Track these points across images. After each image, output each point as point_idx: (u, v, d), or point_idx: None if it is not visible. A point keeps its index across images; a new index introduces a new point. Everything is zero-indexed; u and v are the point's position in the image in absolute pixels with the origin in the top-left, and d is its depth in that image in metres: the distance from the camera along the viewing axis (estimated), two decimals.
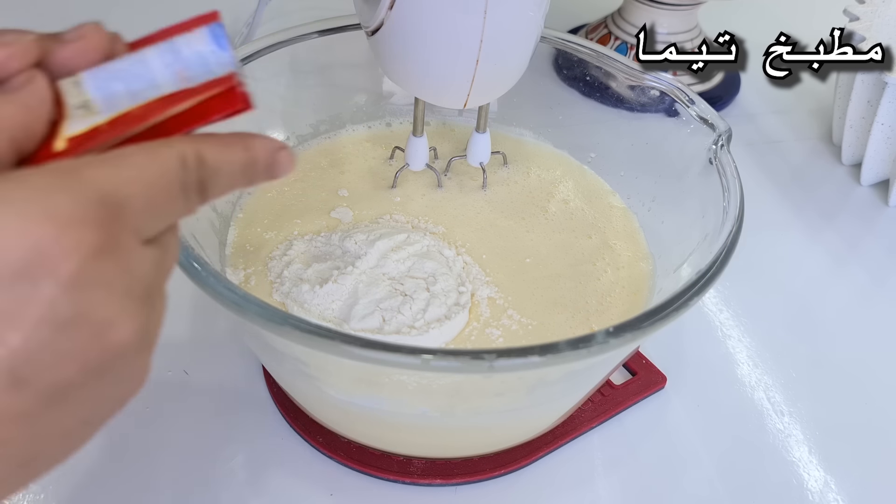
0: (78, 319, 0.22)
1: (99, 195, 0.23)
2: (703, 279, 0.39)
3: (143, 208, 0.24)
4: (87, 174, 0.23)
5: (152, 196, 0.24)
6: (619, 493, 0.47)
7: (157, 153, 0.25)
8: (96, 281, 0.22)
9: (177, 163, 0.25)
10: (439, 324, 0.43)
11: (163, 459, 0.46)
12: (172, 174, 0.25)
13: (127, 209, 0.23)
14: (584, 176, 0.56)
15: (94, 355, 0.23)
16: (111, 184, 0.23)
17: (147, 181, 0.24)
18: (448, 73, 0.44)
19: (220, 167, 0.27)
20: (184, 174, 0.25)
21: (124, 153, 0.24)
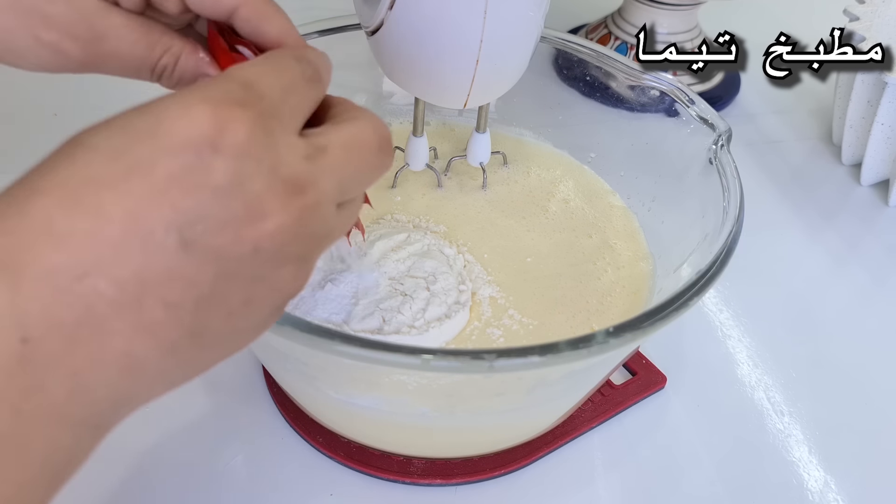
0: (233, 188, 0.24)
1: (243, 82, 0.26)
2: (703, 279, 0.39)
3: (280, 95, 0.27)
4: (232, 74, 0.26)
5: (284, 84, 0.27)
6: (619, 493, 0.47)
7: (273, 55, 0.29)
8: (247, 152, 0.24)
9: (291, 58, 0.29)
10: (439, 323, 0.43)
11: (163, 459, 0.46)
12: (293, 67, 0.28)
13: (267, 95, 0.26)
14: (584, 176, 0.56)
15: (247, 226, 0.25)
16: (250, 75, 0.26)
17: (277, 73, 0.27)
18: (448, 73, 0.44)
19: (317, 61, 0.30)
20: (301, 66, 0.28)
21: (250, 61, 0.28)
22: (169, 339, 0.25)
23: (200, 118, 0.24)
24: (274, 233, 0.25)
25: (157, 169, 0.23)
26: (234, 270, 0.25)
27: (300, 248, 0.27)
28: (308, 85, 0.28)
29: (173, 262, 0.24)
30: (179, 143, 0.24)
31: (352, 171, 0.28)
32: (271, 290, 0.27)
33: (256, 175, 0.24)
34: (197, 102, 0.24)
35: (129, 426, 0.47)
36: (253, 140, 0.25)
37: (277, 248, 0.26)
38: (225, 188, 0.24)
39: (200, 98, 0.25)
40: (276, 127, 0.26)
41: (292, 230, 0.26)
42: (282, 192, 0.25)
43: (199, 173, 0.24)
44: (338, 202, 0.28)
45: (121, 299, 0.23)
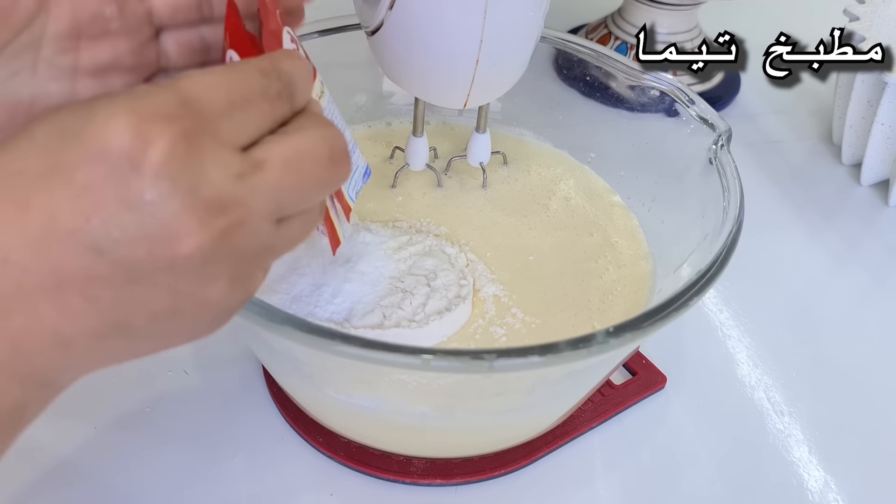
0: (146, 206, 0.24)
1: (180, 97, 0.25)
2: (703, 279, 0.39)
3: (224, 110, 0.26)
4: (176, 84, 0.26)
5: (233, 98, 0.26)
6: (619, 493, 0.47)
7: (237, 65, 0.28)
8: (163, 171, 0.24)
9: (254, 71, 0.28)
10: (439, 316, 0.43)
11: (163, 459, 0.46)
12: (252, 81, 0.27)
13: (207, 110, 0.26)
14: (584, 175, 0.56)
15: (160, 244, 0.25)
16: (193, 88, 0.26)
17: (227, 86, 0.26)
18: (448, 73, 0.44)
19: (292, 73, 0.29)
20: (264, 81, 0.27)
21: (209, 68, 0.27)
22: (93, 327, 0.26)
23: (121, 131, 0.24)
24: (191, 253, 0.25)
25: (76, 174, 0.24)
26: (150, 281, 0.25)
27: (228, 266, 0.26)
28: (268, 102, 0.28)
29: (87, 263, 0.24)
30: (98, 152, 0.24)
31: (292, 186, 0.27)
32: (200, 304, 0.27)
33: (172, 195, 0.24)
34: (123, 113, 0.24)
35: (130, 426, 0.47)
36: (172, 159, 0.24)
37: (198, 267, 0.25)
38: (137, 205, 0.24)
39: (128, 108, 0.24)
40: (207, 144, 0.25)
41: (213, 250, 0.25)
42: (201, 213, 0.25)
43: (114, 186, 0.24)
44: (277, 218, 0.27)
45: (43, 285, 0.24)
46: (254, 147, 0.27)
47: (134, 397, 0.49)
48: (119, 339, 0.26)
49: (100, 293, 0.25)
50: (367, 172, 0.43)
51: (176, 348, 0.53)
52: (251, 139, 0.27)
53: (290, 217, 0.28)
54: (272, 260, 0.29)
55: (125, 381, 0.49)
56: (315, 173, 0.28)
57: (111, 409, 0.48)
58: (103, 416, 0.47)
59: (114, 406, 0.48)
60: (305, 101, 0.30)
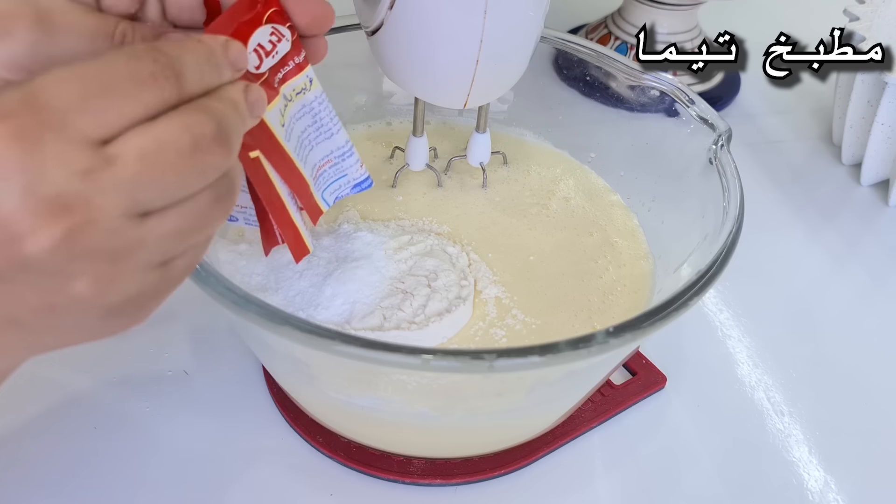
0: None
1: (26, 93, 0.24)
2: (703, 279, 0.39)
3: (76, 103, 0.25)
4: (27, 82, 0.25)
5: (88, 88, 0.25)
6: (619, 493, 0.47)
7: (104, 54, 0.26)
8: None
9: (121, 56, 0.26)
10: (439, 317, 0.43)
11: (162, 459, 0.46)
12: (116, 67, 0.25)
13: (54, 105, 0.24)
14: (584, 175, 0.56)
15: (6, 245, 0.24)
16: (41, 83, 0.25)
17: (84, 76, 0.25)
18: (448, 73, 0.44)
19: (179, 55, 0.27)
20: (133, 64, 0.26)
21: (72, 63, 0.25)
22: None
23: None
24: (37, 253, 0.24)
25: None
26: (15, 279, 0.25)
27: (86, 265, 0.26)
28: (138, 87, 0.26)
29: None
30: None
31: (149, 180, 0.26)
32: (72, 301, 0.26)
33: (9, 195, 0.24)
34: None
35: (130, 426, 0.47)
36: (6, 158, 0.23)
37: (52, 267, 0.25)
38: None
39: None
40: (48, 140, 0.24)
41: (62, 250, 0.25)
42: (41, 212, 0.24)
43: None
44: (138, 213, 0.26)
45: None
46: (113, 141, 0.26)
47: (134, 397, 0.49)
48: (16, 332, 0.26)
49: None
50: (363, 183, 0.42)
51: (176, 349, 0.53)
52: (116, 130, 0.26)
53: (162, 211, 0.27)
54: (152, 256, 0.28)
55: (125, 382, 0.49)
56: (174, 164, 0.26)
57: (111, 409, 0.48)
58: (103, 416, 0.47)
59: (114, 406, 0.48)
60: (203, 87, 0.28)
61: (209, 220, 0.29)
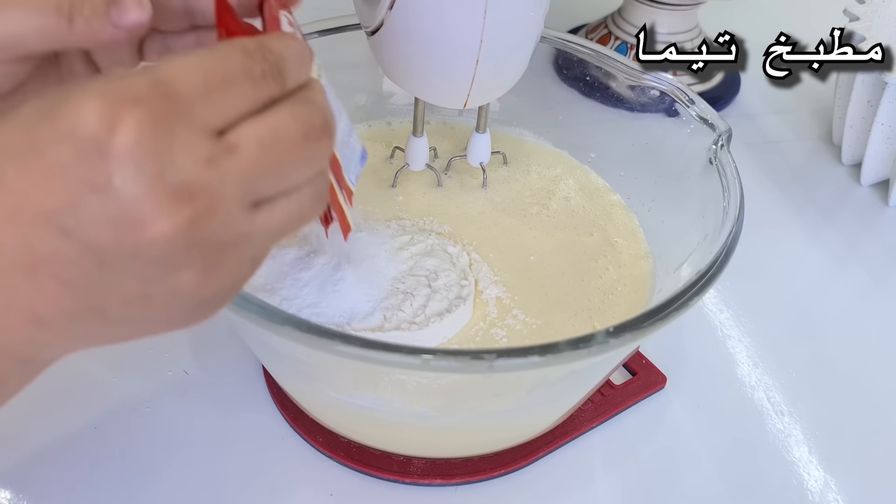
0: (110, 190, 0.24)
1: (154, 80, 0.25)
2: (703, 279, 0.39)
3: (199, 93, 0.25)
4: (152, 68, 0.25)
5: (210, 80, 0.26)
6: (619, 493, 0.47)
7: (219, 47, 0.27)
8: (129, 156, 0.24)
9: (237, 52, 0.27)
10: (440, 318, 0.43)
11: (162, 459, 0.46)
12: (233, 62, 0.26)
13: (181, 93, 0.25)
14: (584, 175, 0.56)
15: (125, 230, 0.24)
16: (170, 71, 0.25)
17: (206, 68, 0.26)
18: (448, 73, 0.44)
19: (282, 53, 0.28)
20: (247, 61, 0.27)
21: (192, 51, 0.26)
22: (67, 309, 0.25)
23: (89, 113, 0.24)
24: (155, 240, 0.24)
25: (46, 154, 0.24)
26: (117, 265, 0.25)
27: (197, 255, 0.26)
28: (252, 83, 0.27)
29: (57, 244, 0.24)
30: (66, 133, 0.24)
31: (267, 168, 0.27)
32: (172, 292, 0.26)
33: (138, 180, 0.24)
34: (93, 95, 0.24)
35: (130, 426, 0.47)
36: (139, 143, 0.24)
37: (164, 254, 0.25)
38: (102, 188, 0.24)
39: (98, 91, 0.24)
40: (178, 128, 0.25)
41: (180, 238, 0.25)
42: (166, 200, 0.24)
43: (81, 168, 0.24)
44: (251, 202, 0.27)
45: (17, 263, 0.25)
46: (230, 129, 0.26)
47: (134, 397, 0.49)
48: (94, 322, 0.26)
49: (71, 276, 0.25)
50: (364, 156, 0.42)
51: (176, 349, 0.53)
52: (229, 122, 0.26)
53: (269, 202, 0.28)
54: (253, 251, 0.28)
55: (125, 381, 0.49)
56: (291, 152, 0.27)
57: (111, 409, 0.48)
58: (103, 416, 0.47)
59: (114, 406, 0.48)
60: (299, 82, 0.29)
61: (307, 215, 0.30)
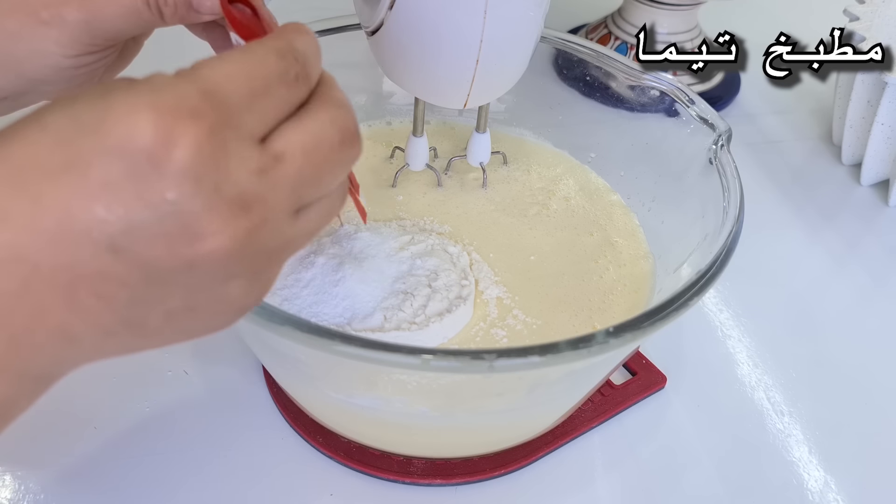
0: (168, 205, 0.23)
1: (202, 88, 0.24)
2: (703, 279, 0.39)
3: (245, 101, 0.25)
4: (196, 74, 0.25)
5: (254, 87, 0.25)
6: (619, 493, 0.47)
7: (253, 49, 0.26)
8: (188, 171, 0.23)
9: (272, 54, 0.26)
10: (440, 318, 0.43)
11: (162, 459, 0.46)
12: (270, 66, 0.26)
13: (230, 103, 0.25)
14: (584, 175, 0.56)
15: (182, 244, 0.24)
16: (215, 78, 0.25)
17: (247, 73, 0.25)
18: (448, 73, 0.44)
19: (307, 50, 0.28)
20: (282, 64, 0.26)
21: (226, 54, 0.26)
22: (104, 325, 0.25)
23: (144, 127, 0.23)
24: (212, 253, 0.24)
25: (92, 169, 0.23)
26: (168, 280, 0.25)
27: (248, 265, 0.26)
28: (287, 87, 0.27)
29: (103, 262, 0.24)
30: (118, 148, 0.23)
31: (311, 175, 0.27)
32: (218, 302, 0.26)
33: (196, 195, 0.23)
34: (145, 108, 0.23)
35: (130, 426, 0.47)
36: (197, 158, 0.23)
37: (218, 267, 0.25)
38: (159, 204, 0.23)
39: (149, 103, 0.23)
40: (231, 139, 0.24)
41: (236, 251, 0.25)
42: (224, 213, 0.24)
43: (134, 184, 0.23)
44: (297, 208, 0.27)
45: (54, 283, 0.24)
46: (272, 137, 0.26)
47: (134, 397, 0.49)
48: (130, 336, 0.26)
49: (114, 292, 0.24)
50: None
51: (176, 349, 0.53)
52: (270, 128, 0.26)
53: (308, 207, 0.28)
54: (290, 255, 0.28)
55: (125, 381, 0.49)
56: (330, 157, 0.27)
57: (111, 409, 0.48)
58: (103, 416, 0.47)
59: (114, 406, 0.48)
60: (318, 77, 0.29)
61: (335, 213, 0.30)
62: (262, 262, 0.26)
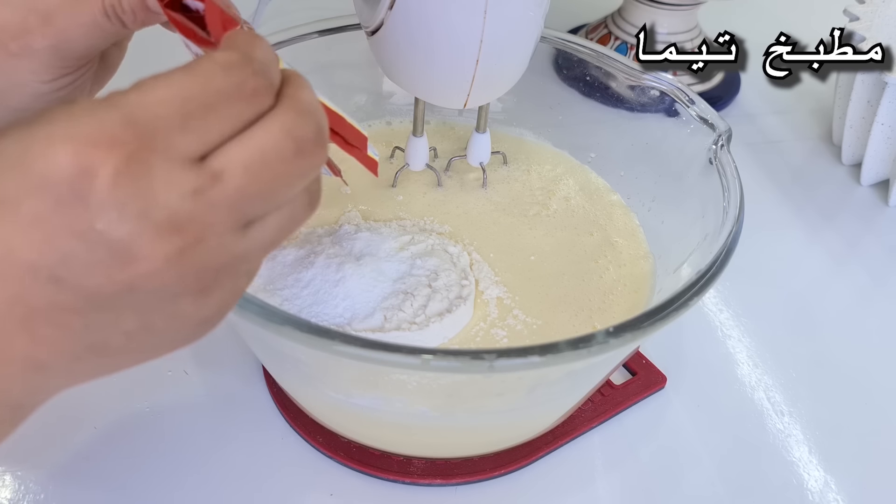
0: (95, 233, 0.23)
1: (125, 117, 0.24)
2: (703, 279, 0.39)
3: (177, 123, 0.24)
4: (122, 99, 0.24)
5: (188, 109, 0.25)
6: (619, 493, 0.47)
7: (196, 66, 0.26)
8: (109, 199, 0.23)
9: (218, 71, 0.25)
10: (440, 318, 0.43)
11: (162, 459, 0.46)
12: (214, 82, 0.25)
13: (156, 127, 0.24)
14: (584, 175, 0.56)
15: (116, 270, 0.24)
16: (142, 104, 0.24)
17: (183, 94, 0.25)
18: (448, 73, 0.44)
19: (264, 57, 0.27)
20: (231, 79, 0.26)
21: (167, 73, 0.25)
22: (68, 351, 0.25)
23: (62, 160, 0.23)
24: (148, 275, 0.24)
25: (23, 206, 0.23)
26: (115, 304, 0.25)
27: (192, 282, 0.26)
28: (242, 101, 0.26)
29: (49, 293, 0.24)
30: (41, 183, 0.23)
31: (256, 191, 0.26)
32: (174, 319, 0.26)
33: (122, 221, 0.23)
34: (61, 140, 0.23)
35: (130, 426, 0.47)
36: (117, 186, 0.23)
37: (159, 287, 0.25)
38: (87, 234, 0.23)
39: (66, 135, 0.23)
40: (157, 163, 0.24)
41: (172, 270, 0.25)
42: (153, 235, 0.24)
43: (61, 217, 0.23)
44: (243, 225, 0.26)
45: (10, 316, 0.24)
46: (212, 155, 0.25)
47: (134, 397, 0.49)
48: (97, 358, 0.26)
49: (68, 320, 0.25)
50: None
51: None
52: (213, 145, 0.25)
53: (263, 219, 0.27)
54: (248, 265, 0.28)
55: (125, 382, 0.49)
56: (281, 171, 0.26)
57: (111, 409, 0.48)
58: (103, 416, 0.47)
59: (114, 406, 0.48)
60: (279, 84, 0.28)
61: (301, 220, 0.29)
62: (209, 278, 0.26)
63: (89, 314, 0.25)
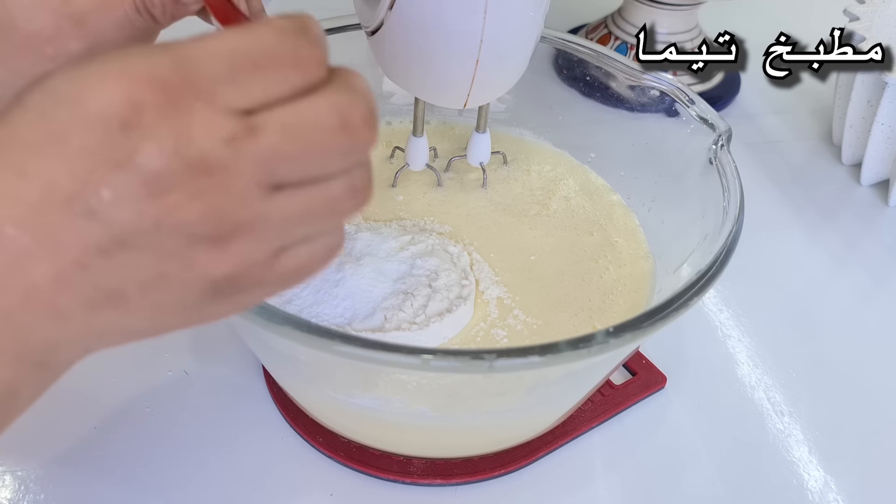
0: (132, 165, 0.24)
1: (176, 62, 0.25)
2: (703, 279, 0.39)
3: (224, 74, 0.26)
4: (177, 46, 0.25)
5: (237, 63, 0.26)
6: (619, 493, 0.47)
7: (252, 28, 0.27)
8: (150, 132, 0.24)
9: (273, 34, 0.27)
10: (440, 318, 0.43)
11: (162, 459, 0.46)
12: (266, 43, 0.26)
13: (203, 73, 0.25)
14: (584, 175, 0.56)
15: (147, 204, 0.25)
16: (194, 53, 0.25)
17: (233, 49, 0.26)
18: (448, 73, 0.44)
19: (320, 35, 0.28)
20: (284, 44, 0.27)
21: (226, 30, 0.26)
22: (87, 297, 0.26)
23: (113, 93, 0.24)
24: (173, 209, 0.25)
25: (72, 139, 0.24)
26: (138, 242, 0.25)
27: (211, 228, 0.26)
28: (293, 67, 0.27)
29: (81, 227, 0.25)
30: (92, 115, 0.24)
31: (290, 152, 0.27)
32: (186, 270, 0.27)
33: (158, 154, 0.25)
34: (114, 75, 0.24)
35: (130, 426, 0.47)
36: (159, 121, 0.25)
37: (181, 226, 0.26)
38: (125, 164, 0.24)
39: (119, 70, 0.25)
40: (199, 107, 0.25)
41: (196, 206, 0.25)
42: (184, 171, 0.25)
43: (107, 149, 0.24)
44: (271, 184, 0.27)
45: (38, 254, 0.25)
46: (256, 112, 0.26)
47: (134, 397, 0.49)
48: (113, 313, 0.27)
49: (92, 259, 0.25)
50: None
51: (176, 349, 0.53)
52: (258, 103, 0.26)
53: (293, 188, 0.27)
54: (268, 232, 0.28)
55: (125, 381, 0.49)
56: (319, 140, 0.27)
57: (111, 409, 0.48)
58: (103, 416, 0.47)
59: (114, 406, 0.48)
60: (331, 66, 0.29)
61: (338, 210, 0.29)
62: (227, 229, 0.27)
63: (114, 254, 0.25)
